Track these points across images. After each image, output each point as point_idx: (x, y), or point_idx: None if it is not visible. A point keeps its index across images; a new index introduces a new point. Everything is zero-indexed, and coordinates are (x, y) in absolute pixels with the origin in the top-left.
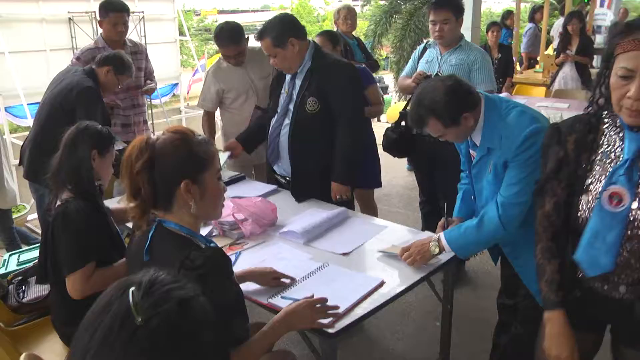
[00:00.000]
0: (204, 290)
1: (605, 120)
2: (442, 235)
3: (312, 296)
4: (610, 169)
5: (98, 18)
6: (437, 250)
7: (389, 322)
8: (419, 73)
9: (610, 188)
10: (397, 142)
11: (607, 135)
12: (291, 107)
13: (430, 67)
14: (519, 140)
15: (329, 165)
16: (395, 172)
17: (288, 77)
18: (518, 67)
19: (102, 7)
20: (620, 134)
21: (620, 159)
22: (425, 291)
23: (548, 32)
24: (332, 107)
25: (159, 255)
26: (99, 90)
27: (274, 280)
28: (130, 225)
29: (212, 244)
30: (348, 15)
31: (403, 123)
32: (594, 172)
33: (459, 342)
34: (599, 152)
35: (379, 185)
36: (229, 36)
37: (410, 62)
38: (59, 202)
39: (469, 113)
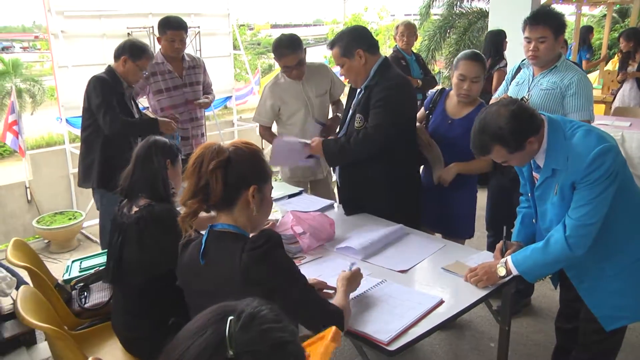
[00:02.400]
0: (272, 264)
1: None
2: (509, 257)
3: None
4: None
5: (156, 34)
6: (504, 271)
7: (442, 340)
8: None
9: None
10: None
11: None
12: (347, 124)
13: (520, 90)
14: (587, 160)
15: (379, 180)
16: None
17: (357, 93)
18: None
19: (160, 24)
20: None
21: None
22: (481, 311)
23: (609, 48)
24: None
25: (215, 255)
26: (110, 80)
27: (318, 291)
28: None
29: None
30: (405, 31)
31: None
32: None
33: None
34: None
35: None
36: (288, 45)
37: (504, 83)
38: (136, 208)
39: (533, 137)
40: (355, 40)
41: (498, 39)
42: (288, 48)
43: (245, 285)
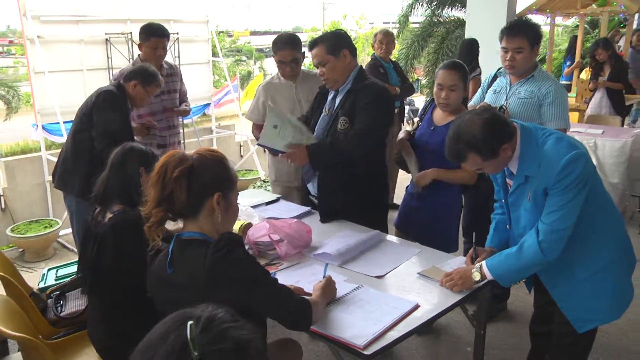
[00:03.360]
0: (236, 262)
1: None
2: (484, 262)
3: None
4: None
5: (138, 41)
6: (478, 276)
7: (419, 344)
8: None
9: None
10: None
11: None
12: (327, 126)
13: (497, 98)
14: (559, 167)
15: (357, 186)
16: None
17: (330, 97)
18: None
19: (143, 31)
20: None
21: None
22: (457, 316)
23: (582, 57)
24: (355, 123)
25: (180, 262)
26: (121, 100)
27: None
28: None
29: None
30: (384, 39)
31: None
32: None
33: None
34: None
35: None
36: (286, 40)
37: (479, 90)
38: (110, 214)
39: (507, 144)
40: (342, 41)
41: (472, 48)
42: (286, 43)
43: (212, 287)
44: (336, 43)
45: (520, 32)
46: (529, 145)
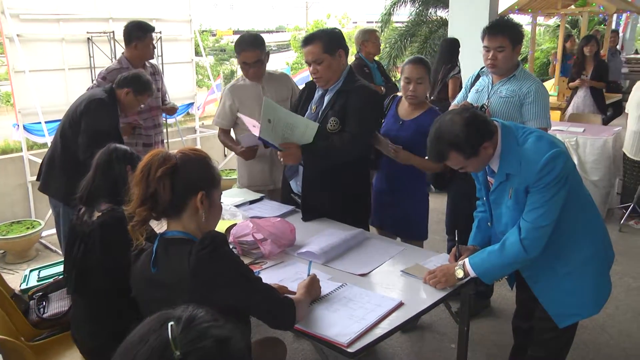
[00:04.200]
0: (221, 260)
1: None
2: (467, 260)
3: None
4: None
5: (131, 40)
6: (461, 273)
7: (403, 342)
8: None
9: None
10: (442, 173)
11: None
12: None
13: (479, 97)
14: (539, 165)
15: (341, 185)
16: None
17: (317, 94)
18: None
19: (139, 28)
20: None
21: None
22: (440, 313)
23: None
24: (346, 125)
25: (164, 262)
26: (111, 106)
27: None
28: None
29: None
30: (370, 38)
31: None
32: None
33: None
34: None
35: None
36: (250, 41)
37: (462, 90)
38: (97, 213)
39: (488, 143)
40: (338, 40)
41: (452, 47)
42: (249, 44)
43: (196, 286)
44: (333, 42)
45: (501, 32)
46: (510, 143)
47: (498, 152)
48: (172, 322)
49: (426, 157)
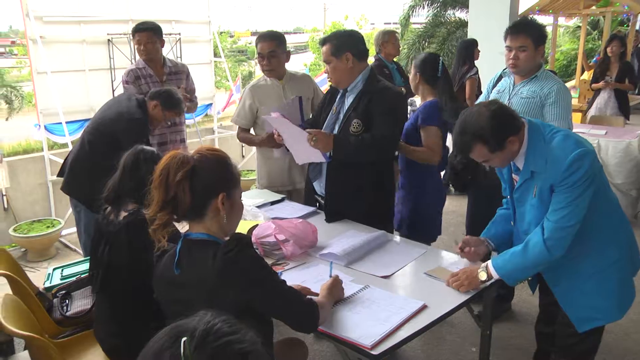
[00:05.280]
0: (246, 263)
1: None
2: (490, 262)
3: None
4: None
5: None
6: (485, 276)
7: (424, 345)
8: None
9: None
10: (461, 174)
11: None
12: (337, 126)
13: (500, 98)
14: (565, 164)
15: (364, 188)
16: None
17: (338, 95)
18: None
19: (132, 30)
20: None
21: None
22: (462, 316)
23: (587, 57)
24: (374, 127)
25: (188, 263)
26: (146, 123)
27: None
28: None
29: None
30: (390, 40)
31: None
32: None
33: None
34: None
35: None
36: (267, 34)
37: (485, 92)
38: (124, 213)
39: (514, 137)
40: (346, 43)
41: (470, 48)
42: (266, 36)
43: (220, 288)
44: (340, 45)
45: (523, 31)
46: (536, 141)
47: (524, 149)
48: (185, 338)
49: (418, 148)
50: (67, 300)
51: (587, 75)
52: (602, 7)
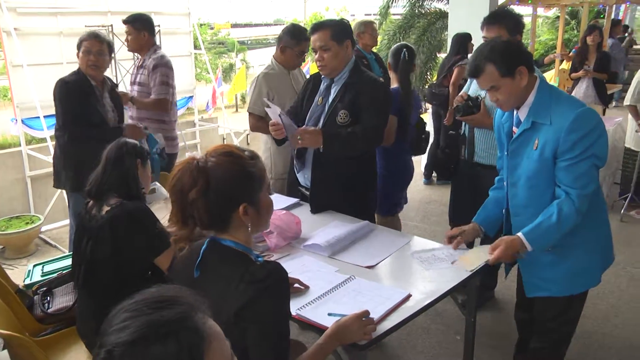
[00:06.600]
0: (263, 306)
1: None
2: (521, 235)
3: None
4: None
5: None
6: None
7: (409, 335)
8: None
9: None
10: (445, 163)
11: None
12: (323, 116)
13: (478, 88)
14: (572, 117)
15: (349, 179)
16: (412, 185)
17: (322, 86)
18: None
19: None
20: None
21: None
22: (446, 305)
23: (565, 47)
24: (360, 121)
25: (212, 271)
26: (77, 85)
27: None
28: None
29: (261, 259)
30: (367, 30)
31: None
32: None
33: (480, 356)
34: None
35: (394, 213)
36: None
37: (469, 81)
38: (107, 207)
39: (524, 69)
40: (346, 30)
41: (463, 40)
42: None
43: (234, 317)
44: (341, 31)
45: (498, 21)
46: (544, 95)
47: (531, 98)
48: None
49: None
50: (48, 297)
51: (566, 65)
52: None
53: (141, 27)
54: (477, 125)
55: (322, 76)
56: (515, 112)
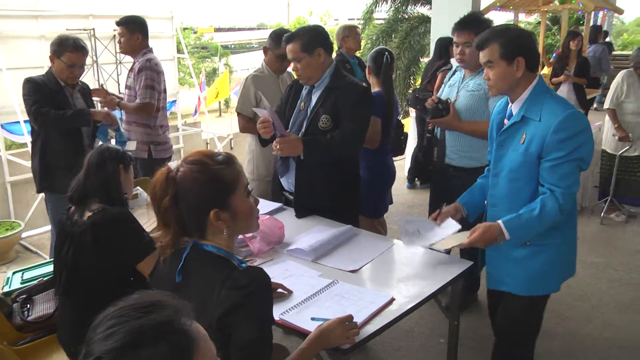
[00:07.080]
0: (246, 312)
1: None
2: (501, 223)
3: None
4: None
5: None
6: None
7: (393, 338)
8: None
9: None
10: (424, 166)
11: None
12: (305, 122)
13: (450, 91)
14: (561, 117)
15: (333, 182)
16: (395, 189)
17: (304, 91)
18: None
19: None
20: None
21: None
22: (430, 308)
23: (547, 52)
24: (342, 122)
25: (194, 276)
26: (43, 82)
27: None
28: None
29: (244, 265)
30: (350, 35)
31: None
32: None
33: (464, 359)
34: None
35: (381, 215)
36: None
37: (443, 85)
38: (89, 213)
39: (523, 60)
40: (317, 38)
41: (446, 44)
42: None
43: (217, 322)
44: (311, 41)
45: (467, 27)
46: (539, 93)
47: (526, 94)
48: None
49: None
50: (28, 305)
51: (547, 70)
52: (561, 3)
53: (135, 30)
54: (447, 128)
55: None
56: (509, 106)
